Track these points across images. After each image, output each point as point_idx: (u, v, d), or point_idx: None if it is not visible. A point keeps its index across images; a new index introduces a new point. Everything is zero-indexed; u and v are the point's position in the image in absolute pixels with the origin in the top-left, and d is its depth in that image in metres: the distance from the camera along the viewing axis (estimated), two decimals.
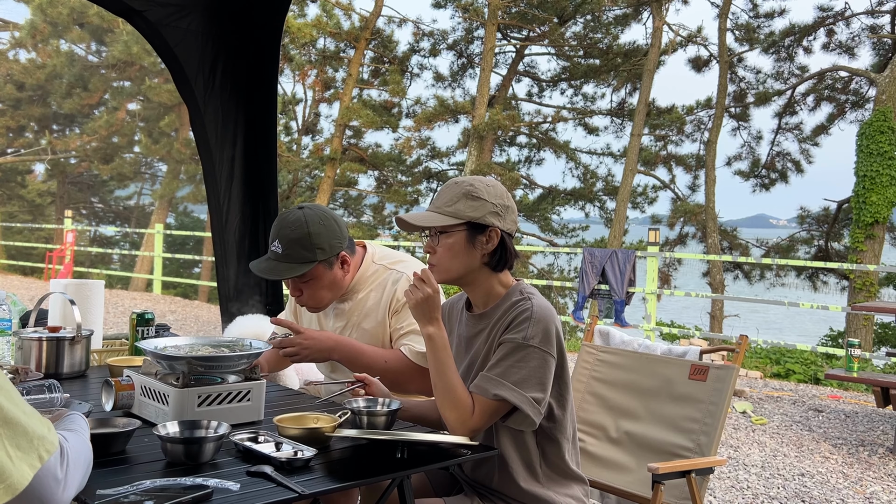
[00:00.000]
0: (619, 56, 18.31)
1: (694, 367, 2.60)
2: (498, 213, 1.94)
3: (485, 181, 1.97)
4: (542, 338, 1.86)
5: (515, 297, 1.95)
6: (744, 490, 4.37)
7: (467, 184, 1.96)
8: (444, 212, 1.94)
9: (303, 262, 2.28)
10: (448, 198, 1.95)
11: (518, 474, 1.95)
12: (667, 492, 2.36)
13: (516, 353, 1.85)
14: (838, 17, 16.60)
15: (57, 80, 21.65)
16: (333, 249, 2.32)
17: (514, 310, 1.91)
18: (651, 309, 8.99)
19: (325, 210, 2.37)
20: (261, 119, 3.95)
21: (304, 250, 2.27)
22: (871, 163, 12.38)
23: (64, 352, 2.42)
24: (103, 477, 1.51)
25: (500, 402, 1.84)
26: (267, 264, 2.33)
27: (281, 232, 2.29)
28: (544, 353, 1.86)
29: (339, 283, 2.38)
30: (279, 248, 2.29)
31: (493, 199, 1.94)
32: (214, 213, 3.97)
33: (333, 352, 2.29)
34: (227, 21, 3.79)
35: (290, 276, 2.28)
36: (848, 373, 5.59)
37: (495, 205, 1.94)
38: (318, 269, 2.31)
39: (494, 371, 1.86)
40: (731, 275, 17.92)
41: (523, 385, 1.83)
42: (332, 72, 19.68)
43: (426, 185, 20.82)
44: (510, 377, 1.84)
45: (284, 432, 1.79)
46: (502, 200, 1.96)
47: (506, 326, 1.91)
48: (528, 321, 1.86)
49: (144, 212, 26.05)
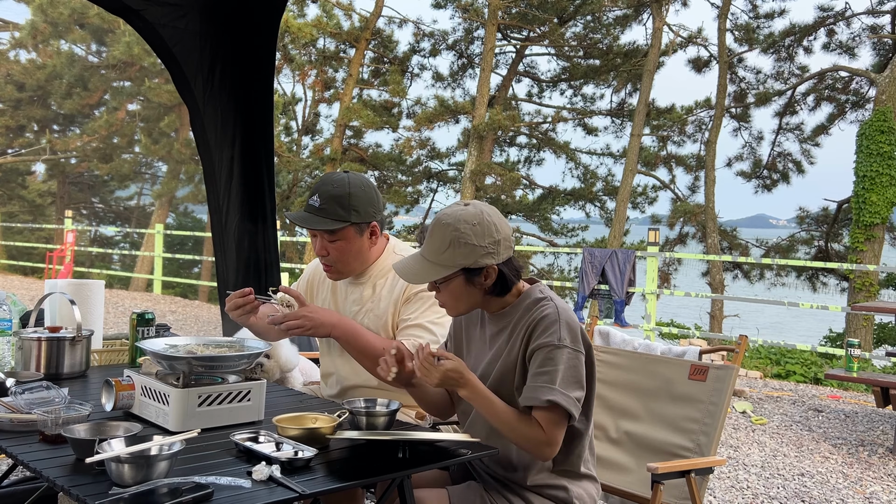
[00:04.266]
0: (619, 56, 18.31)
1: (693, 367, 2.60)
2: (489, 252, 1.92)
3: (470, 221, 1.91)
4: (572, 338, 1.89)
5: (536, 295, 1.98)
6: (743, 490, 4.38)
7: (452, 229, 1.91)
8: (437, 261, 1.93)
9: (337, 218, 2.31)
10: (437, 245, 1.93)
11: (532, 467, 1.97)
12: (666, 492, 2.36)
13: (554, 357, 1.86)
14: (838, 17, 16.59)
15: (57, 80, 21.64)
16: (368, 216, 2.35)
17: (538, 311, 1.92)
18: (651, 309, 8.99)
19: (368, 180, 2.42)
20: (259, 119, 3.96)
21: (341, 208, 2.31)
22: (871, 163, 12.37)
23: (64, 352, 2.42)
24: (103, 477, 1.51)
25: (557, 407, 1.85)
26: (303, 215, 2.35)
27: (322, 187, 2.34)
28: (577, 351, 1.88)
29: (365, 255, 2.40)
30: (317, 202, 2.32)
31: (482, 240, 1.91)
32: (214, 213, 3.97)
33: (334, 328, 2.28)
34: (225, 21, 3.79)
35: (324, 228, 2.31)
36: (848, 373, 5.59)
37: (485, 246, 1.91)
38: (349, 231, 2.34)
39: (540, 379, 1.86)
40: (730, 274, 17.91)
41: (567, 386, 1.85)
42: (333, 72, 19.69)
43: (426, 185, 20.82)
44: (555, 381, 1.85)
45: (284, 432, 1.79)
46: (492, 237, 1.92)
47: (531, 329, 1.91)
48: (557, 323, 1.88)
49: (144, 212, 26.04)
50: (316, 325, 2.26)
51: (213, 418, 1.91)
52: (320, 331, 2.29)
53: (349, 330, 2.30)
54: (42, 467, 1.59)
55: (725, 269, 17.21)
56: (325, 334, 2.31)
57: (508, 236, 1.98)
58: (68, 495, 1.47)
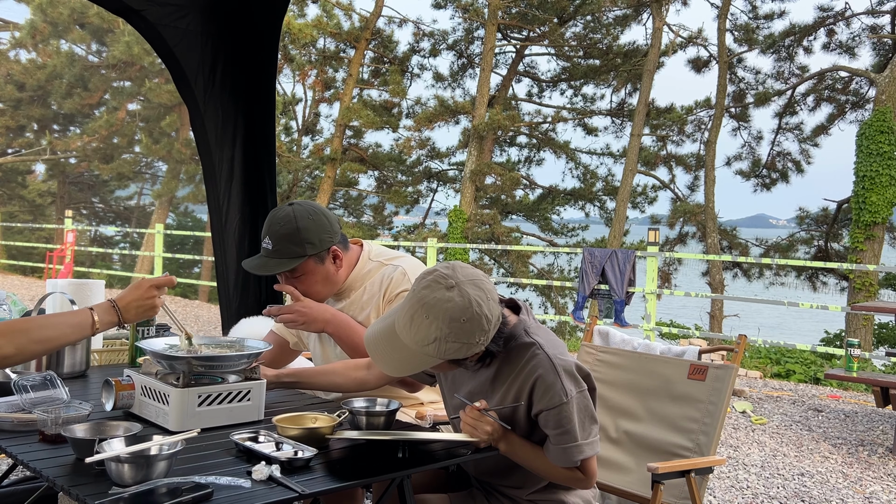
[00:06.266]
0: (619, 56, 18.32)
1: (693, 366, 2.60)
2: (479, 342, 1.74)
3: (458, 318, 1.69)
4: (574, 382, 1.82)
5: (522, 338, 1.86)
6: (743, 490, 4.38)
7: (437, 326, 1.70)
8: (421, 351, 1.73)
9: (293, 256, 2.28)
10: (422, 335, 1.72)
11: (528, 475, 1.95)
12: (666, 491, 2.36)
13: (566, 414, 1.80)
14: (838, 18, 16.60)
15: (57, 80, 21.65)
16: (323, 244, 2.32)
17: (531, 369, 1.82)
18: (651, 309, 9.00)
19: (315, 206, 2.37)
20: (260, 119, 3.96)
21: (294, 245, 2.28)
22: (871, 163, 12.38)
23: (64, 352, 2.43)
24: (103, 477, 1.52)
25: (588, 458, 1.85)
26: (259, 261, 2.33)
27: (271, 228, 2.31)
28: (581, 392, 1.84)
29: (333, 279, 2.38)
30: (269, 244, 2.30)
31: (471, 338, 1.72)
32: (214, 213, 3.97)
33: (328, 324, 2.30)
34: (226, 21, 3.79)
35: (281, 270, 2.29)
36: (848, 373, 5.59)
37: (476, 343, 1.74)
38: (308, 264, 2.31)
39: (562, 440, 1.82)
40: (730, 273, 17.92)
41: (586, 433, 1.84)
42: (333, 72, 19.69)
43: (426, 185, 20.83)
44: (576, 436, 1.82)
45: (283, 432, 1.80)
46: (483, 331, 1.73)
47: (531, 390, 1.82)
48: (556, 378, 1.79)
49: (145, 212, 26.05)
50: (310, 320, 2.28)
51: (213, 418, 1.91)
52: (314, 326, 2.30)
53: (343, 325, 2.31)
54: (42, 467, 1.59)
55: (725, 268, 17.22)
56: (318, 329, 2.32)
57: (497, 317, 1.77)
58: (68, 495, 1.47)
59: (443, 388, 2.10)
